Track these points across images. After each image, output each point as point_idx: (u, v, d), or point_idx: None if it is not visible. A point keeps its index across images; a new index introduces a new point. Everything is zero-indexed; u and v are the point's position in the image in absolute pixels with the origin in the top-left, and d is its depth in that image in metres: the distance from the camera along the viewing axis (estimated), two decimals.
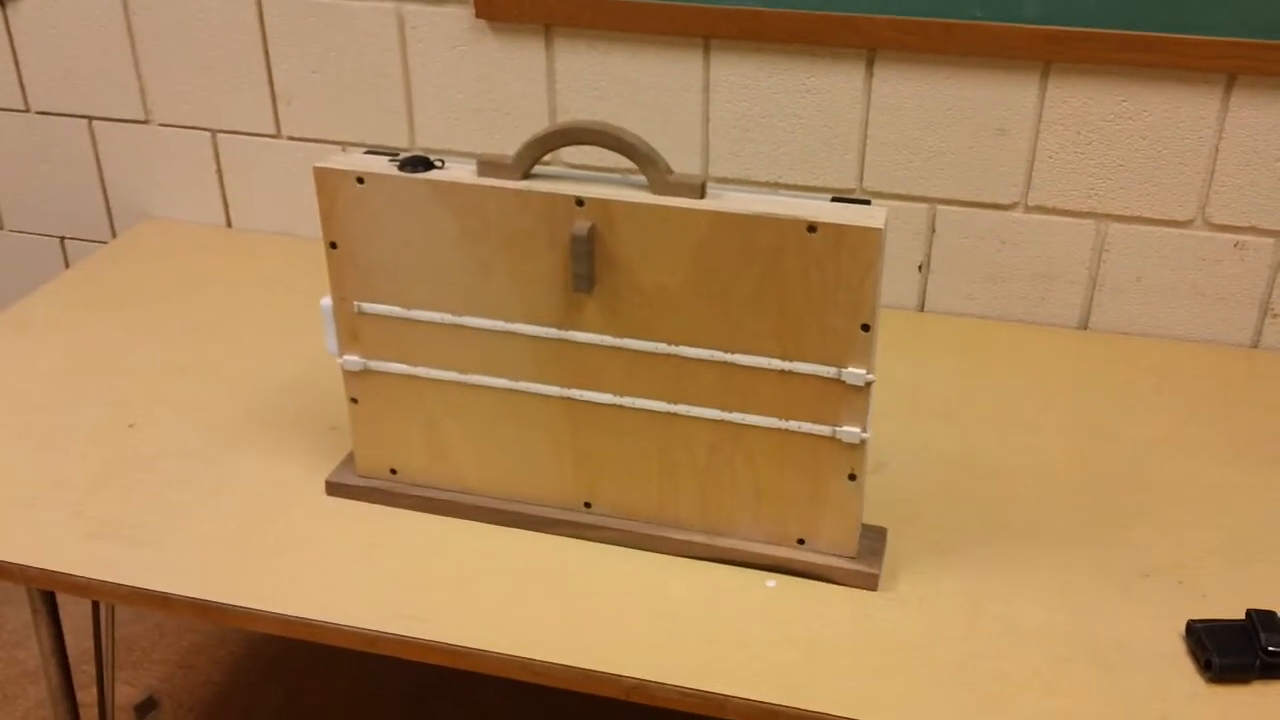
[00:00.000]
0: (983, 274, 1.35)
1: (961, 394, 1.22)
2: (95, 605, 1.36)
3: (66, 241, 1.68)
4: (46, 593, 1.09)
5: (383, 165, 0.94)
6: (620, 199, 0.89)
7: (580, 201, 0.89)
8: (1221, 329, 1.31)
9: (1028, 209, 1.31)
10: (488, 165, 0.92)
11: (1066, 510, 1.05)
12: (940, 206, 1.33)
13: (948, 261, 1.36)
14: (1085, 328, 1.35)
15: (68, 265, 1.71)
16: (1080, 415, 1.18)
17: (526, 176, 0.92)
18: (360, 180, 0.94)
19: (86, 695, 1.51)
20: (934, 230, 1.35)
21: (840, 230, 0.85)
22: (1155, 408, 1.20)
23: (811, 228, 0.86)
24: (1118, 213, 1.29)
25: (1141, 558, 0.99)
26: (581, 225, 0.90)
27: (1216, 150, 1.24)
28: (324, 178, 0.95)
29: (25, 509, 1.04)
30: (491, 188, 0.91)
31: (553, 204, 0.90)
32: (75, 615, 1.68)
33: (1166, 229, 1.28)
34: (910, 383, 1.24)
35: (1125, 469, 1.10)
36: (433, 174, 0.93)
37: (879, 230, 0.85)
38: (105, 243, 1.66)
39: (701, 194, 0.89)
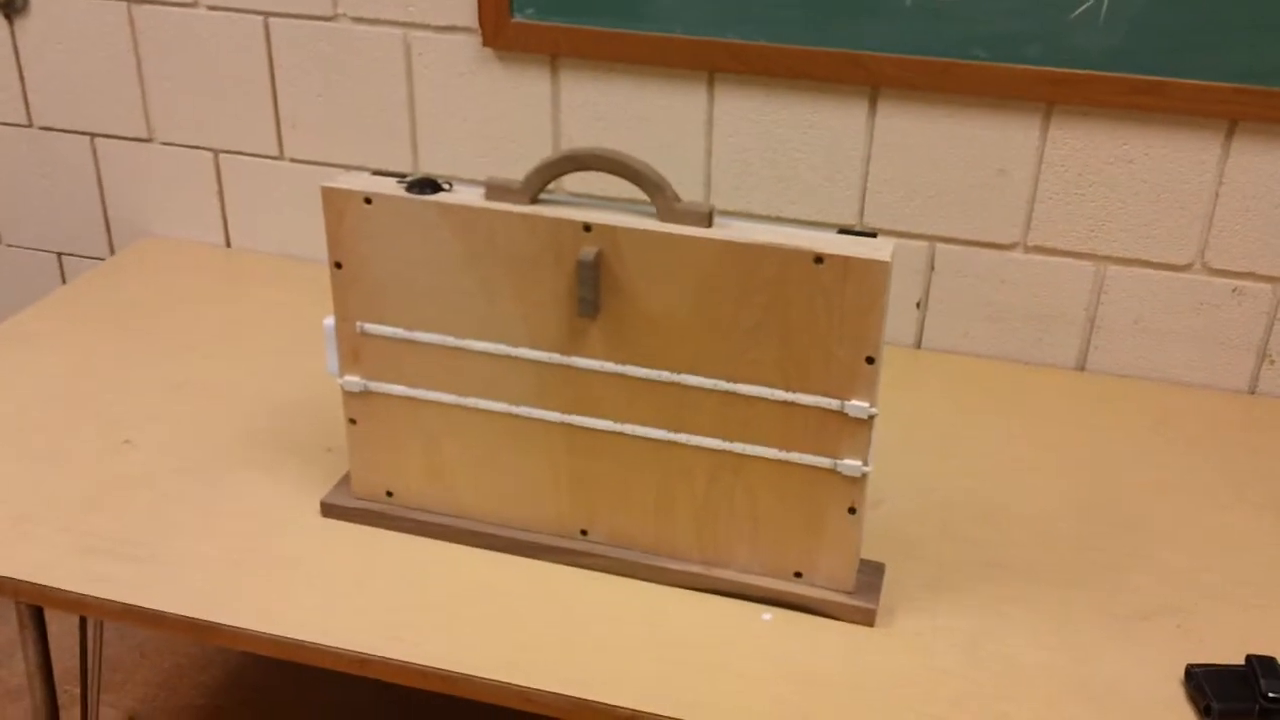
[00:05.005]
0: (981, 313, 1.36)
1: (959, 432, 1.22)
2: (82, 623, 1.34)
3: (64, 257, 1.68)
4: (35, 609, 1.08)
5: (390, 186, 0.94)
6: (628, 225, 0.89)
7: (588, 227, 0.90)
8: (1219, 373, 1.32)
9: (1027, 249, 1.32)
10: (496, 189, 0.92)
11: (1065, 550, 1.04)
12: (940, 244, 1.34)
13: (946, 299, 1.36)
14: (1083, 369, 1.35)
15: (64, 281, 1.70)
16: (1078, 456, 1.18)
17: (534, 201, 0.92)
18: (368, 201, 0.94)
19: (68, 715, 1.48)
20: (933, 268, 1.35)
21: (847, 262, 0.86)
22: (1153, 450, 1.20)
23: (818, 259, 0.86)
24: (1117, 255, 1.30)
25: (1140, 600, 0.99)
26: (588, 251, 0.90)
27: (1216, 195, 1.25)
28: (331, 197, 0.95)
29: (18, 524, 1.03)
30: (499, 211, 0.91)
31: (560, 229, 0.90)
32: (57, 634, 1.66)
33: (1165, 272, 1.29)
34: (907, 419, 1.24)
35: (1124, 510, 1.10)
36: (441, 196, 0.93)
37: (886, 263, 0.85)
38: (103, 259, 1.66)
39: (709, 222, 0.89)
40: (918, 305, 1.38)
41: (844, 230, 0.90)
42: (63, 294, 1.45)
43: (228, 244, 1.60)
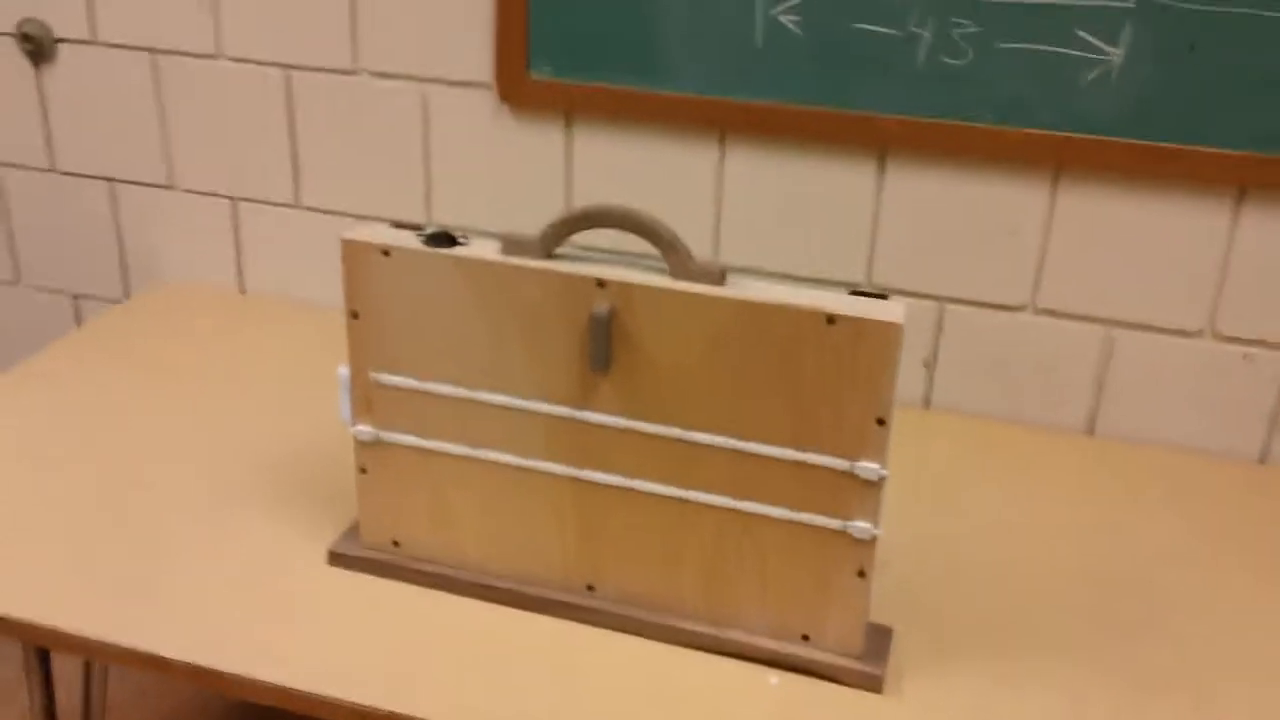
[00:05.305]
0: (989, 373, 1.36)
1: (967, 494, 1.22)
2: (87, 664, 1.33)
3: (80, 300, 1.69)
4: (40, 651, 1.07)
5: (408, 239, 0.95)
6: (641, 282, 0.89)
7: (601, 283, 0.90)
8: (1229, 441, 1.32)
9: (1036, 311, 1.32)
10: (512, 243, 0.93)
11: (1075, 618, 1.04)
12: (948, 304, 1.35)
13: (954, 359, 1.37)
14: (1091, 432, 1.35)
15: (79, 323, 1.71)
16: (1087, 521, 1.18)
17: (549, 256, 0.93)
18: (386, 253, 0.94)
19: None
20: (941, 328, 1.36)
21: (859, 323, 0.86)
22: (1163, 518, 1.19)
23: (830, 319, 0.86)
24: (1126, 319, 1.30)
25: (1153, 671, 0.98)
26: (602, 306, 0.90)
27: (1226, 262, 1.25)
28: (350, 249, 0.95)
29: (26, 565, 1.03)
30: (515, 266, 0.92)
31: (574, 284, 0.91)
32: (57, 672, 1.64)
33: (1174, 338, 1.29)
34: (915, 480, 1.24)
35: (1135, 578, 1.10)
36: (457, 250, 0.93)
37: (898, 325, 0.85)
38: (118, 302, 1.67)
39: (722, 281, 0.89)
40: (926, 365, 1.38)
41: (855, 291, 0.90)
42: (77, 336, 1.46)
43: (242, 289, 1.61)
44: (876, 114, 1.26)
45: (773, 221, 1.36)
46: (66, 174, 1.61)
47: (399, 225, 0.98)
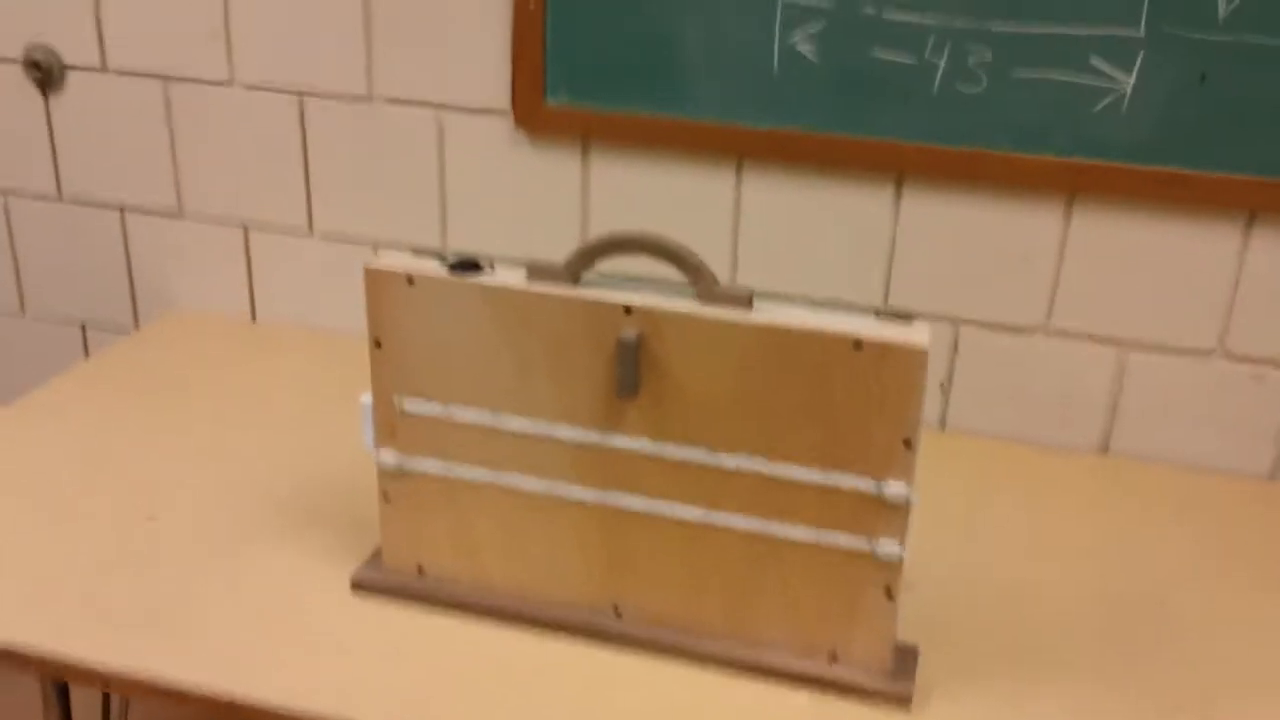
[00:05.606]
0: (1004, 395, 1.37)
1: (984, 514, 1.22)
2: (105, 698, 1.33)
3: (88, 330, 1.69)
4: (59, 684, 1.07)
5: (432, 267, 0.96)
6: (669, 308, 0.90)
7: (629, 309, 0.91)
8: (1239, 460, 1.32)
9: (1050, 333, 1.33)
10: (537, 270, 0.93)
11: (1092, 638, 1.04)
12: (964, 327, 1.36)
13: (970, 381, 1.37)
14: (1105, 452, 1.36)
15: (87, 353, 1.71)
16: (1102, 541, 1.19)
17: (575, 283, 0.93)
18: (410, 281, 0.95)
19: None
20: (957, 350, 1.37)
21: (886, 348, 0.87)
22: (1176, 537, 1.20)
23: (858, 344, 0.87)
24: (1138, 340, 1.31)
25: (1167, 688, 0.98)
26: (629, 332, 0.91)
27: (1237, 284, 1.26)
28: (374, 277, 0.96)
29: (42, 598, 1.03)
30: (541, 293, 0.92)
31: (601, 311, 0.91)
32: (76, 704, 1.63)
33: (1186, 358, 1.30)
34: (932, 501, 1.24)
35: (1150, 598, 1.10)
36: (483, 277, 0.94)
37: (924, 349, 0.86)
38: (127, 332, 1.67)
39: (749, 306, 0.90)
40: (942, 386, 1.39)
41: (879, 313, 0.91)
42: (86, 367, 1.46)
43: (253, 317, 1.61)
44: (893, 140, 1.27)
45: (790, 247, 1.37)
46: (75, 202, 1.62)
47: (420, 252, 0.99)
